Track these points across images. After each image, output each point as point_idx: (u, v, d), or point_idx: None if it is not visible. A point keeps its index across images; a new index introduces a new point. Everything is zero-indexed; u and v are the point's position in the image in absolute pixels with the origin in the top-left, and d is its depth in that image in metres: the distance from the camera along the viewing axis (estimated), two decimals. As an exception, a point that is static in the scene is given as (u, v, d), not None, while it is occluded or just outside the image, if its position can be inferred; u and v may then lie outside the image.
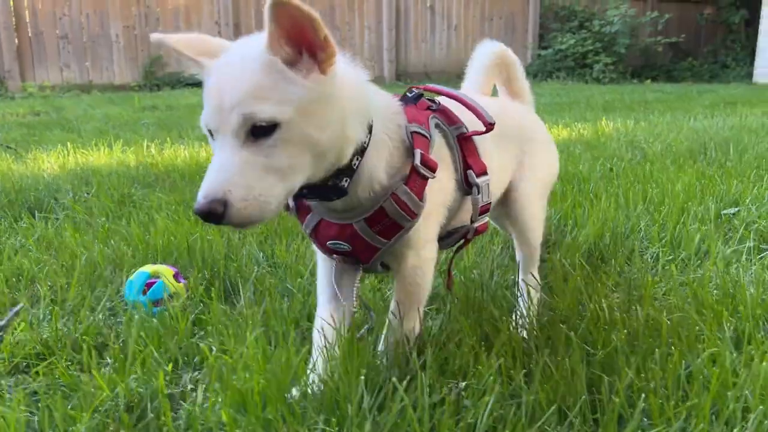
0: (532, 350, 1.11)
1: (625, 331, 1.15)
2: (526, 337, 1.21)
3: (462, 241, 1.30)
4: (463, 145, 1.25)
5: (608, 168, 2.76)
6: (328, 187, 1.08)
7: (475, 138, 1.26)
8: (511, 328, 1.25)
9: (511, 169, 1.44)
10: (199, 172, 2.93)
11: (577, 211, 2.04)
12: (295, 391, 1.02)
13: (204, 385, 1.05)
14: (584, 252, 1.71)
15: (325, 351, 1.11)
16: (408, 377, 0.98)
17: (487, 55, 1.58)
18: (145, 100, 7.67)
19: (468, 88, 1.58)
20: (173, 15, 11.32)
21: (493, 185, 1.29)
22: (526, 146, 1.48)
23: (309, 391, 1.02)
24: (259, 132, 0.94)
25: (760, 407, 0.91)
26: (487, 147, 1.30)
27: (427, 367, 1.04)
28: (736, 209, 2.07)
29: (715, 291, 1.40)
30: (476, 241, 1.76)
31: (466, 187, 1.25)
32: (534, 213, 1.47)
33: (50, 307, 1.43)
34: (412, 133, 1.16)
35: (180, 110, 6.39)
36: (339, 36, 12.30)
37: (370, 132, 1.10)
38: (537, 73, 13.06)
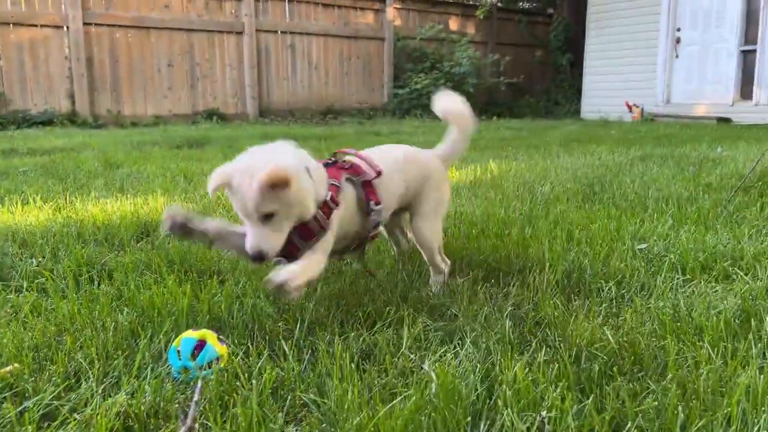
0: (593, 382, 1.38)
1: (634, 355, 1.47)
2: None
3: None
4: (366, 187, 1.97)
5: (524, 211, 3.16)
6: None
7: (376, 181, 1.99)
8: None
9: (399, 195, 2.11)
10: (141, 227, 2.92)
11: (532, 247, 2.39)
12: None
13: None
14: (554, 289, 2.02)
15: None
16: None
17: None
18: (2, 142, 7.12)
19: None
20: (16, 49, 10.59)
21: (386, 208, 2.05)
22: (423, 181, 2.18)
23: None
24: None
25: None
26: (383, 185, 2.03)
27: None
28: (645, 245, 2.52)
29: (668, 318, 1.76)
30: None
31: (368, 211, 1.98)
32: (429, 226, 2.16)
33: (107, 380, 1.46)
34: (330, 184, 1.88)
35: (55, 154, 6.03)
36: (199, 72, 12.17)
37: None
38: (395, 110, 13.81)
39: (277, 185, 1.62)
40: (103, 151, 6.40)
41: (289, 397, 1.37)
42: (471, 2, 16.94)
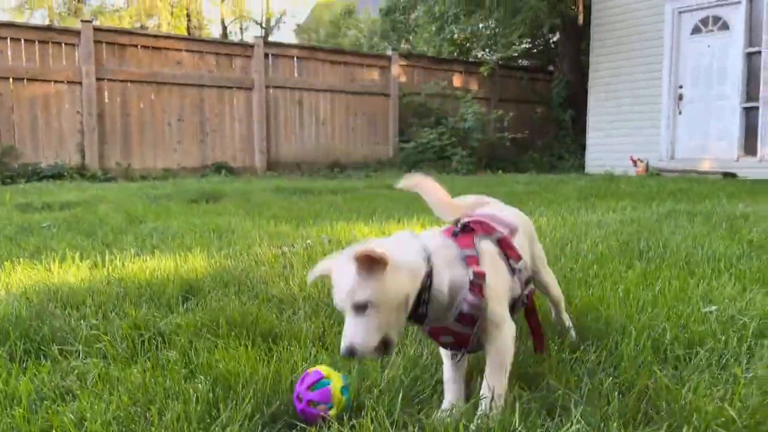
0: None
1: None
2: None
3: (525, 307, 1.86)
4: (502, 244, 1.77)
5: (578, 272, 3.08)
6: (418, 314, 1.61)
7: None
8: None
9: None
10: (185, 286, 2.83)
11: (602, 310, 2.31)
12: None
13: None
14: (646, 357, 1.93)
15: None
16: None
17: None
18: (16, 196, 7.07)
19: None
20: (29, 104, 10.64)
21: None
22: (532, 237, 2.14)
23: None
24: None
25: None
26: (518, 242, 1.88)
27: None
28: (715, 307, 2.43)
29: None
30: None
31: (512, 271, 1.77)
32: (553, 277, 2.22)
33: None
34: (466, 257, 1.64)
35: (72, 209, 5.98)
36: (209, 126, 12.25)
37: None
38: (401, 164, 13.87)
39: (371, 267, 1.48)
40: (120, 204, 6.35)
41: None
42: (474, 60, 17.29)
